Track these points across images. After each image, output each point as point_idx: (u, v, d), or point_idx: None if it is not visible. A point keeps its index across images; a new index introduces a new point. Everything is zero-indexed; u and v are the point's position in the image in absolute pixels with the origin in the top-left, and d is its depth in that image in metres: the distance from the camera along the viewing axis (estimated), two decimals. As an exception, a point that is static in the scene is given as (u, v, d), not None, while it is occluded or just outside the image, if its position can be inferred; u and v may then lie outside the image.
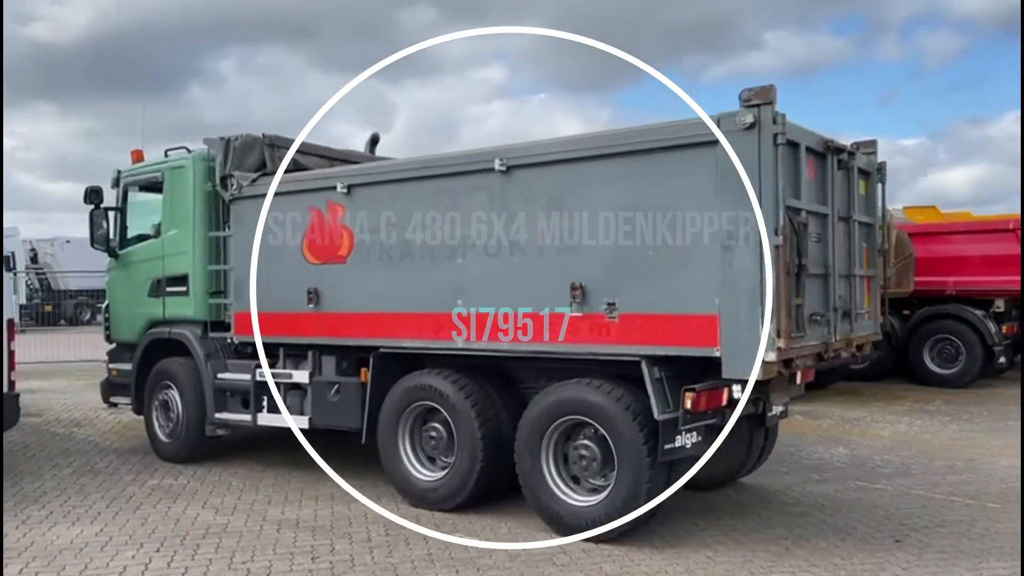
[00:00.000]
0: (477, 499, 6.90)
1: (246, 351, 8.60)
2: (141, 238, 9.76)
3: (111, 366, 9.91)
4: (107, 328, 9.97)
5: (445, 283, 6.89)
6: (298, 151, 8.50)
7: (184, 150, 9.12)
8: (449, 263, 6.87)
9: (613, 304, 6.02)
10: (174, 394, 8.94)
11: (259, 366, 8.29)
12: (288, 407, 8.12)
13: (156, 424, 9.22)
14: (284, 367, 8.16)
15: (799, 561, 5.84)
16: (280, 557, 6.01)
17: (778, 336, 5.44)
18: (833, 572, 5.63)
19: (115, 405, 10.01)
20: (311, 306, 7.71)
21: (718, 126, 5.55)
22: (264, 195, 8.11)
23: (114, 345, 10.03)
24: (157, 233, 9.30)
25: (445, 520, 6.76)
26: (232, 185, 8.27)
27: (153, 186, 9.60)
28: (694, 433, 6.04)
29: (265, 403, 8.27)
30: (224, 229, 8.64)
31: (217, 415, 8.59)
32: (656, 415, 5.87)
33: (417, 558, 5.97)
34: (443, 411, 6.98)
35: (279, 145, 8.41)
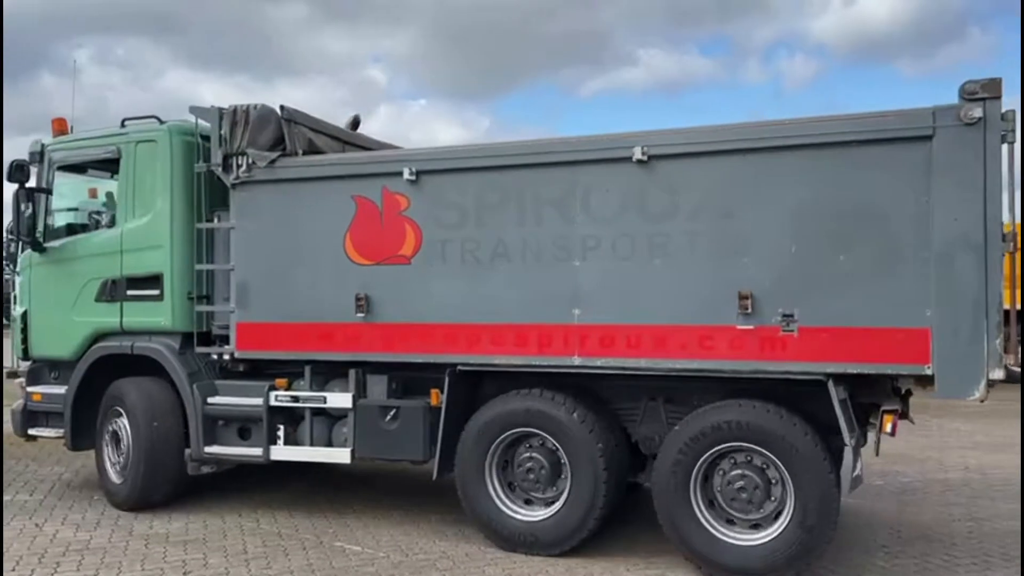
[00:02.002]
0: (591, 538, 5.94)
1: (237, 370, 7.05)
2: (71, 229, 7.83)
3: (31, 389, 7.83)
4: (23, 341, 7.87)
5: (556, 289, 5.87)
6: (312, 130, 7.07)
7: (154, 120, 7.36)
8: (562, 266, 5.86)
9: (791, 316, 5.31)
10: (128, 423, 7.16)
11: (274, 388, 6.78)
12: (313, 438, 6.70)
13: (107, 461, 7.37)
14: (312, 389, 6.71)
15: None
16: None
17: (1005, 351, 4.98)
18: None
19: (34, 438, 7.93)
20: (361, 315, 6.36)
21: (934, 120, 5.01)
22: (285, 180, 6.65)
23: (32, 363, 7.95)
24: (111, 223, 7.45)
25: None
26: (240, 166, 6.71)
27: (97, 164, 7.74)
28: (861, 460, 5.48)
29: (282, 433, 6.78)
30: (216, 219, 7.04)
31: (207, 449, 6.94)
32: (847, 440, 5.23)
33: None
34: (551, 439, 5.95)
35: (297, 121, 6.94)
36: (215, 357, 7.09)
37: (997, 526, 6.79)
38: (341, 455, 6.57)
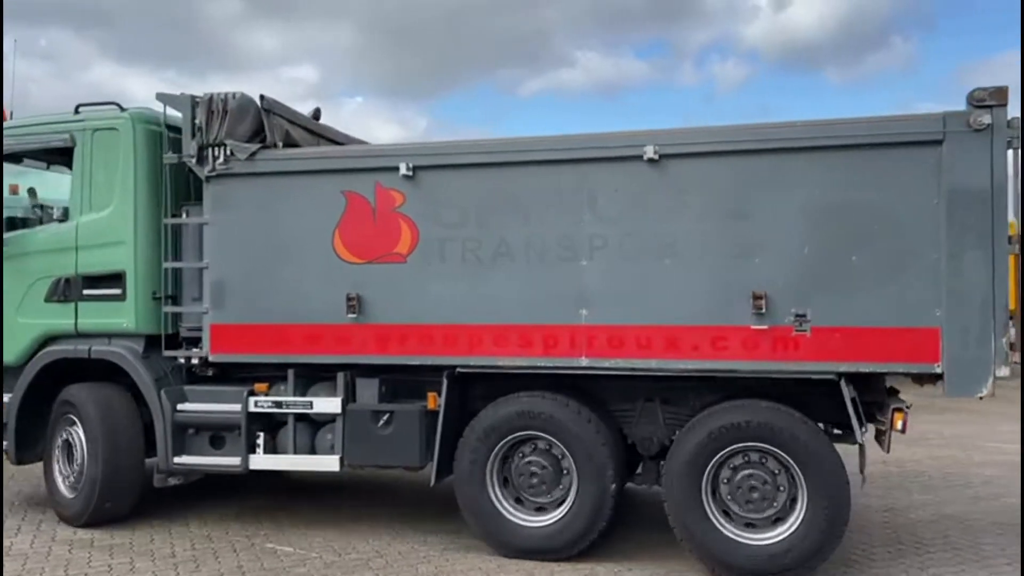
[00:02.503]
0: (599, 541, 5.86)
1: (205, 374, 6.64)
2: (12, 223, 7.23)
3: (-34, 398, 7.15)
4: (-42, 345, 7.18)
5: (563, 289, 5.75)
6: (288, 121, 6.72)
7: (115, 107, 6.85)
8: (569, 266, 5.74)
9: (804, 316, 5.36)
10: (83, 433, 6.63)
11: (253, 393, 6.41)
12: (296, 445, 6.37)
13: (58, 474, 6.81)
14: (294, 394, 6.37)
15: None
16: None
17: (1011, 349, 5.15)
18: None
19: (-31, 452, 7.25)
20: (353, 315, 6.07)
21: (944, 125, 5.15)
22: (267, 173, 6.31)
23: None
24: (64, 216, 6.89)
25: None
26: (216, 158, 6.32)
27: (41, 154, 7.18)
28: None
29: (261, 441, 6.41)
30: (184, 214, 6.61)
31: (177, 459, 6.49)
32: (859, 438, 5.32)
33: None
34: (557, 442, 5.82)
35: (275, 112, 6.57)
36: (182, 361, 6.65)
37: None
38: (329, 463, 6.26)
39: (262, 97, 6.47)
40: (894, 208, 5.25)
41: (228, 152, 6.30)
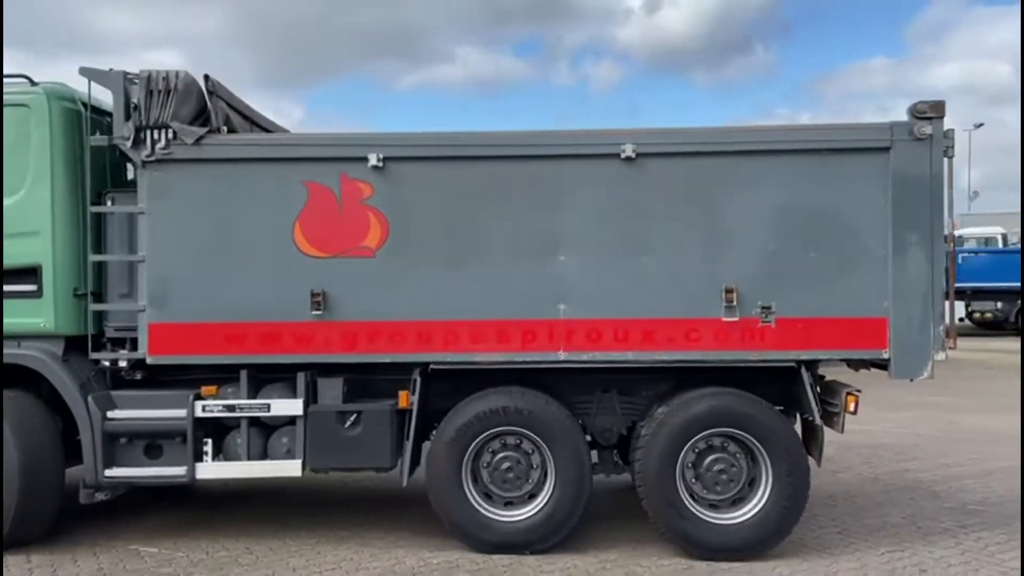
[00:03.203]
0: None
1: (132, 378, 6.11)
2: None
3: None
4: None
5: (541, 284, 5.80)
6: (229, 106, 6.29)
7: (23, 80, 6.10)
8: (547, 261, 5.80)
9: (769, 308, 5.74)
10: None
11: (200, 396, 5.96)
12: (249, 452, 5.99)
13: (-44, 496, 5.99)
14: (248, 396, 5.98)
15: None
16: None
17: (946, 336, 5.79)
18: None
19: None
20: (317, 312, 5.80)
21: (892, 134, 5.69)
22: (216, 160, 5.88)
23: None
24: (-41, 203, 6.05)
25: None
26: (156, 142, 5.81)
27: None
28: None
29: (209, 448, 5.97)
30: (108, 202, 6.03)
31: (109, 472, 5.91)
32: (816, 420, 5.78)
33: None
34: (534, 435, 5.87)
35: (219, 94, 6.12)
36: (107, 364, 6.06)
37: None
38: (290, 468, 5.92)
39: (207, 78, 6.01)
40: (847, 208, 5.75)
41: (170, 136, 5.81)
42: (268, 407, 5.94)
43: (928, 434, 10.38)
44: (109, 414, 5.91)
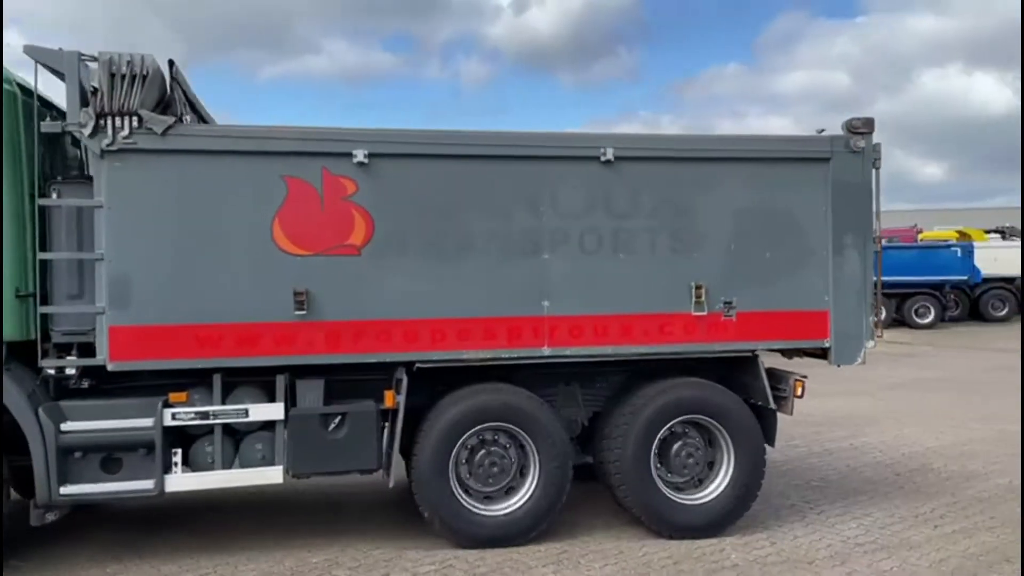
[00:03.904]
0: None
1: (79, 387, 5.63)
2: None
3: None
4: None
5: (526, 282, 5.94)
6: (185, 94, 5.88)
7: (-51, 56, 5.38)
8: (531, 259, 5.94)
9: (731, 303, 6.22)
10: None
11: (169, 404, 5.57)
12: (219, 459, 5.68)
13: None
14: (224, 401, 5.66)
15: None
16: None
17: (875, 327, 6.53)
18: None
19: None
20: (301, 313, 5.60)
21: (831, 146, 6.34)
22: (185, 152, 5.51)
23: None
24: None
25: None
26: (119, 130, 5.36)
27: None
28: None
29: (179, 458, 5.60)
30: (54, 195, 5.50)
31: (64, 490, 5.39)
32: (771, 404, 6.34)
33: None
34: (518, 430, 6.00)
35: (179, 82, 5.71)
36: (51, 372, 5.52)
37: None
38: (271, 475, 5.68)
39: (171, 63, 5.60)
40: (796, 212, 6.33)
41: (134, 124, 5.37)
42: (246, 412, 5.66)
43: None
44: (63, 427, 5.39)
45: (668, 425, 6.19)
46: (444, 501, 5.89)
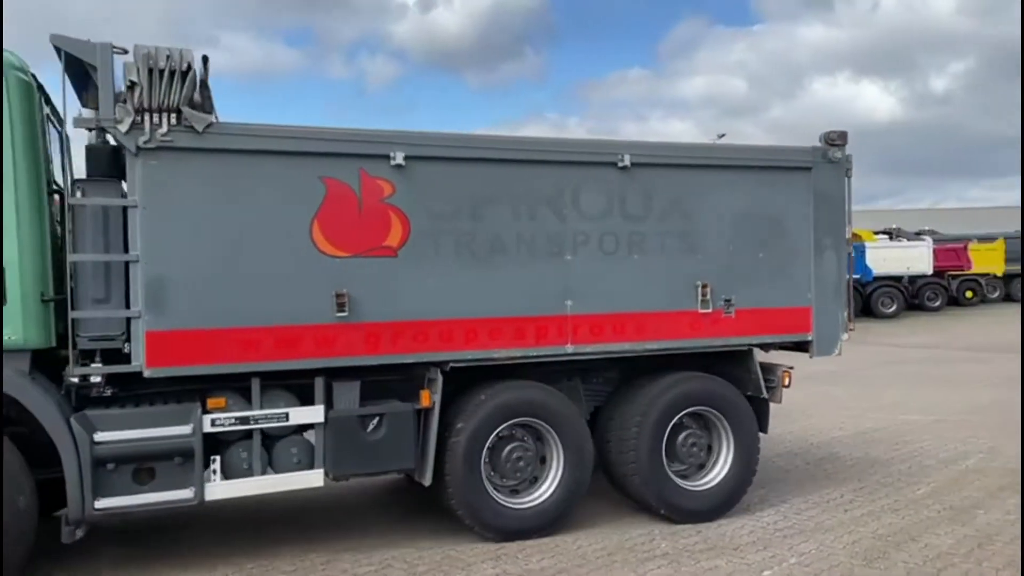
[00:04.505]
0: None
1: (102, 395, 5.38)
2: None
3: None
4: None
5: (551, 282, 6.15)
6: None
7: (-35, 44, 5.01)
8: (556, 260, 6.17)
9: (730, 301, 6.67)
10: None
11: (207, 411, 5.41)
12: (257, 465, 5.57)
13: None
14: (262, 406, 5.54)
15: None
16: None
17: (848, 322, 7.17)
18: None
19: None
20: (343, 314, 5.58)
21: (813, 156, 6.92)
22: (222, 151, 5.39)
23: None
24: None
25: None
26: (157, 127, 5.17)
27: None
28: None
29: (217, 465, 5.45)
30: (79, 193, 5.24)
31: (100, 503, 5.14)
32: (764, 394, 6.86)
33: None
34: (545, 424, 6.21)
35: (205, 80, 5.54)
36: (75, 381, 5.24)
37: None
38: (311, 479, 5.61)
39: (205, 60, 5.44)
40: (783, 216, 6.86)
41: (173, 121, 5.20)
42: (286, 416, 5.57)
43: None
44: (96, 437, 5.13)
45: (678, 416, 6.56)
46: (478, 497, 6.01)
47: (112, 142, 5.42)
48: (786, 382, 6.96)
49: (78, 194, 5.21)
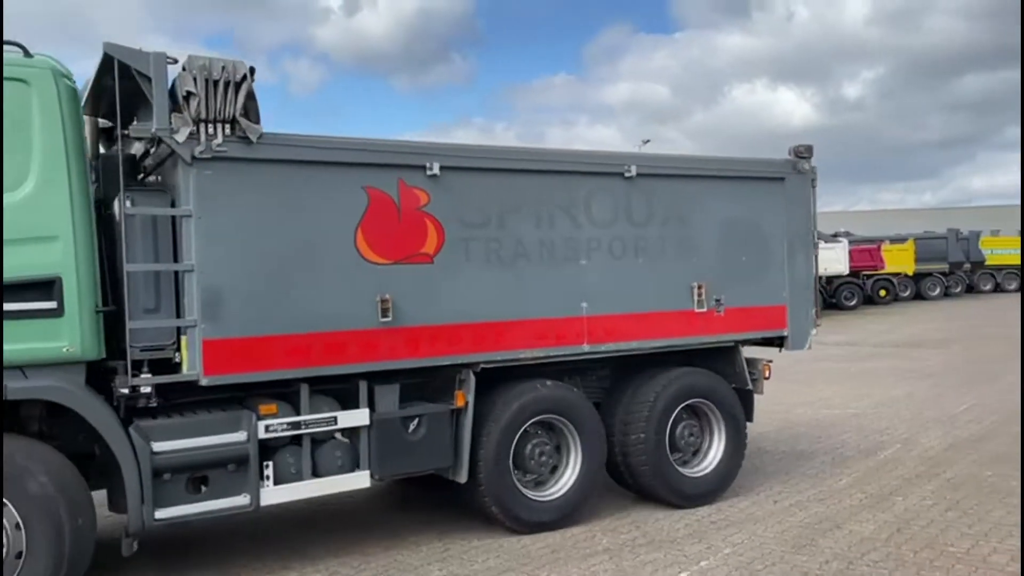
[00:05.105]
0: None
1: (149, 405, 5.39)
2: None
3: None
4: None
5: (568, 285, 6.53)
6: None
7: (16, 49, 4.91)
8: (572, 264, 6.55)
9: (720, 300, 7.23)
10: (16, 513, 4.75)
11: (261, 417, 5.48)
12: (306, 469, 5.68)
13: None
14: (311, 411, 5.65)
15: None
16: None
17: (816, 318, 7.88)
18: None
19: None
20: (387, 319, 5.76)
21: (785, 167, 7.60)
22: (273, 161, 5.49)
23: None
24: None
25: None
26: (212, 137, 5.23)
27: None
28: None
29: (270, 471, 5.53)
30: (128, 203, 5.22)
31: (160, 514, 5.13)
32: (749, 386, 7.46)
33: None
34: (566, 420, 6.57)
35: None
36: (125, 392, 5.21)
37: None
38: (359, 480, 5.76)
39: (252, 70, 5.51)
40: (761, 222, 7.50)
41: (227, 132, 5.28)
42: (335, 420, 5.70)
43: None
44: (154, 447, 5.13)
45: (678, 408, 7.07)
46: (508, 492, 6.31)
47: (128, 151, 5.43)
48: (767, 374, 7.60)
49: (128, 204, 5.18)
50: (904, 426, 10.32)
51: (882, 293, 35.80)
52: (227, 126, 5.26)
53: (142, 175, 5.90)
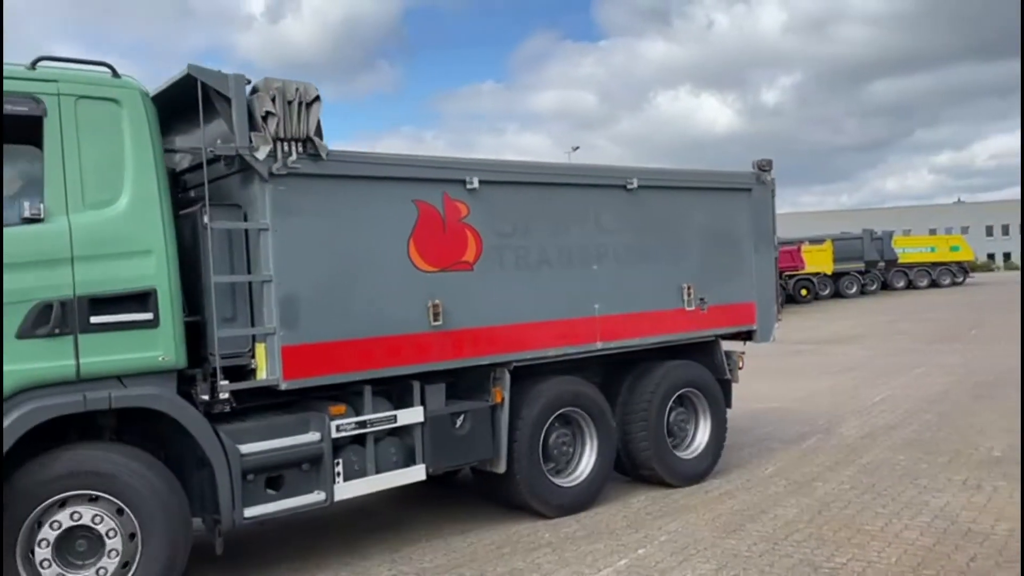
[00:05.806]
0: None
1: (224, 410, 5.65)
2: None
3: None
4: None
5: (584, 288, 7.14)
6: None
7: (105, 69, 5.08)
8: (586, 269, 7.17)
9: (704, 299, 8.04)
10: (110, 519, 4.92)
11: (332, 417, 5.80)
12: (370, 466, 6.04)
13: (48, 584, 4.77)
14: (374, 409, 6.01)
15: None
16: None
17: (778, 314, 8.82)
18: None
19: None
20: (438, 323, 6.20)
21: (751, 180, 8.50)
22: (336, 176, 5.86)
23: None
24: (37, 214, 4.77)
25: None
26: (287, 154, 5.56)
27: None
28: None
29: (341, 468, 5.86)
30: (204, 216, 5.47)
31: (249, 512, 5.39)
32: (728, 376, 8.30)
33: None
34: (584, 413, 7.17)
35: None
36: (205, 399, 5.45)
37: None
38: (417, 474, 6.16)
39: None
40: (733, 229, 8.36)
41: (301, 149, 5.61)
42: (395, 418, 6.08)
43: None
44: (243, 449, 5.39)
45: (674, 397, 7.81)
46: (539, 479, 6.85)
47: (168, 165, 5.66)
48: (741, 365, 8.46)
49: (205, 217, 5.42)
50: (825, 417, 10.97)
51: (803, 292, 37.30)
52: (300, 144, 5.59)
53: (181, 190, 6.10)
